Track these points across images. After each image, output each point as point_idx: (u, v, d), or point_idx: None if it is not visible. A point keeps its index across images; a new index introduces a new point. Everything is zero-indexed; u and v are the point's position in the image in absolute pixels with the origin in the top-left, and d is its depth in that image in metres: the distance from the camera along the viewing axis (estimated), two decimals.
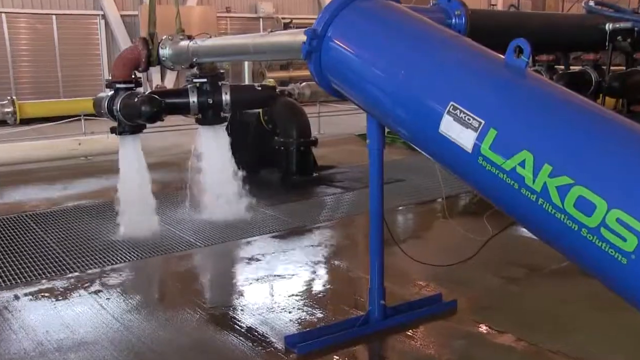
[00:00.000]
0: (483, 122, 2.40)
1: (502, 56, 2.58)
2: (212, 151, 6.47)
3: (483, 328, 3.96)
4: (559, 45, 6.28)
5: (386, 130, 3.56)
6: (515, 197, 2.26)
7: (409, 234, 6.16)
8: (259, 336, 3.87)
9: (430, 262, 4.69)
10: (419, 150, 2.85)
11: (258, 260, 5.27)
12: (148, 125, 6.07)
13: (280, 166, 8.40)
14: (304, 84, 13.07)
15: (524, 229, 2.52)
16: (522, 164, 2.22)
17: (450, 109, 2.52)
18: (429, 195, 7.41)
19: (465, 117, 2.46)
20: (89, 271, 5.06)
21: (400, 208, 6.94)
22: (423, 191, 7.61)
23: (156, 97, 5.66)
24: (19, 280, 4.87)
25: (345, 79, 3.28)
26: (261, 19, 21.03)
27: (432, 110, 2.62)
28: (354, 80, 3.19)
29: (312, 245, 5.66)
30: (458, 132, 2.47)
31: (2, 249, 5.60)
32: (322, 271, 5.06)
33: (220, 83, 6.34)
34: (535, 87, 2.43)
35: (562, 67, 7.06)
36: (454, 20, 4.28)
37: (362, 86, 3.13)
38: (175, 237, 5.91)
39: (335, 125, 14.26)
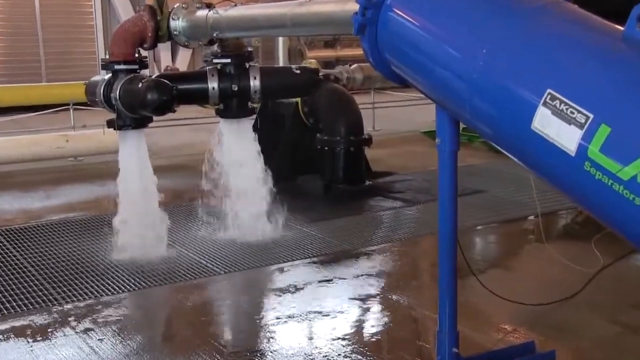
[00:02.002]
0: (591, 116, 2.37)
1: (619, 27, 2.55)
2: (237, 152, 6.54)
3: None
4: None
5: (461, 126, 3.55)
6: (636, 216, 2.23)
7: (490, 262, 6.11)
8: None
9: (520, 299, 4.64)
10: (505, 153, 2.83)
11: (293, 292, 5.30)
12: (155, 118, 6.17)
13: (323, 172, 8.44)
14: (354, 65, 13.05)
15: None
16: None
17: (548, 99, 2.50)
18: (517, 211, 7.34)
19: (567, 109, 2.44)
20: (78, 303, 5.17)
21: (479, 228, 6.90)
22: (509, 206, 7.54)
23: (166, 81, 5.76)
24: None
25: (409, 60, 3.28)
26: None
27: (522, 100, 2.61)
28: (420, 61, 3.19)
29: (363, 274, 5.66)
30: (557, 129, 2.45)
31: None
32: (375, 308, 5.06)
33: (247, 65, 6.41)
34: None
35: None
36: None
37: (431, 69, 3.12)
38: (189, 261, 5.99)
39: (395, 119, 14.25)
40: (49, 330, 4.73)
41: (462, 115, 3.05)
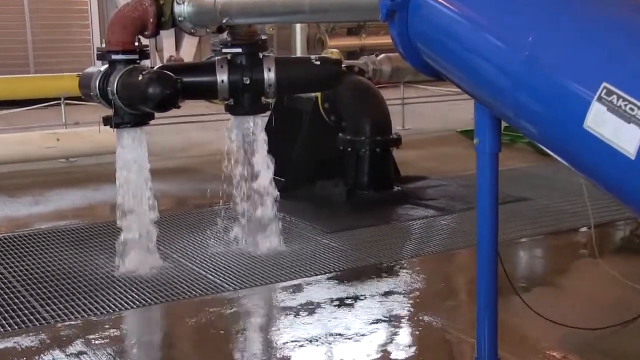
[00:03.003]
0: None
1: None
2: (249, 152, 6.55)
3: None
4: None
5: (503, 124, 3.54)
6: None
7: (536, 280, 6.08)
8: None
9: (569, 322, 4.61)
10: (553, 155, 2.82)
11: (311, 311, 5.29)
12: (157, 114, 6.19)
13: (346, 176, 8.44)
14: (382, 56, 13.02)
15: None
16: None
17: (603, 94, 2.49)
18: (567, 221, 7.31)
19: (625, 105, 2.42)
20: (68, 323, 5.18)
21: (524, 240, 6.87)
22: (558, 216, 7.51)
23: (169, 74, 5.78)
24: None
25: (443, 49, 3.28)
26: None
27: (573, 95, 2.59)
28: (456, 51, 3.18)
29: (390, 292, 5.65)
30: (614, 128, 2.44)
31: None
32: (405, 330, 5.04)
33: (261, 55, 6.42)
34: None
35: None
36: None
37: (468, 59, 3.12)
38: (194, 276, 6.01)
39: (428, 117, 14.22)
40: (36, 353, 4.74)
41: (504, 112, 3.04)
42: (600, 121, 2.48)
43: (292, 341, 4.86)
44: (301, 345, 4.80)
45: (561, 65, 2.68)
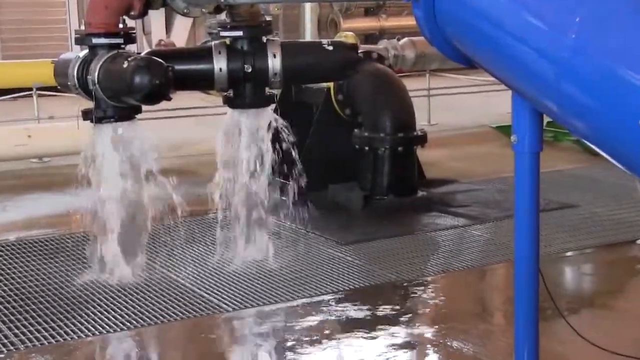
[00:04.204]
0: None
1: None
2: (250, 152, 6.56)
3: None
4: None
5: (545, 119, 3.53)
6: None
7: (583, 300, 6.07)
8: None
9: (623, 350, 4.59)
10: (603, 155, 2.81)
11: (323, 336, 5.29)
12: (145, 107, 6.19)
13: (363, 179, 8.44)
14: (404, 40, 13.04)
15: None
16: None
17: None
18: (621, 232, 7.30)
19: None
20: (40, 348, 5.17)
21: (570, 254, 6.85)
22: (610, 225, 7.49)
23: (159, 60, 5.78)
24: None
25: (476, 33, 3.27)
26: None
27: (628, 85, 2.58)
28: (491, 34, 3.18)
29: (414, 313, 5.65)
30: None
31: None
32: (430, 358, 5.05)
33: (265, 39, 6.43)
34: None
35: None
36: None
37: (505, 44, 3.11)
38: (187, 294, 6.01)
39: (457, 111, 14.21)
40: None
41: (547, 105, 3.03)
42: None
43: None
44: None
45: (614, 49, 2.67)
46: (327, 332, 5.36)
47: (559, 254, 6.79)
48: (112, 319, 5.60)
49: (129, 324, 5.52)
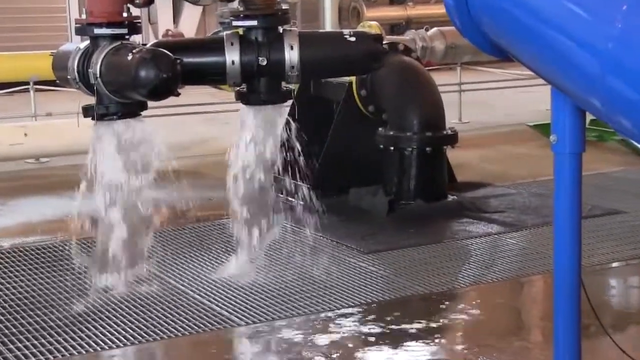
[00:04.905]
0: None
1: None
2: (265, 153, 6.57)
3: None
4: None
5: (588, 117, 3.52)
6: None
7: (631, 316, 6.02)
8: None
9: None
10: None
11: (344, 353, 5.29)
12: (151, 103, 6.20)
13: (387, 182, 8.44)
14: (433, 30, 13.04)
15: None
16: None
17: None
18: None
19: None
20: None
21: (615, 265, 6.82)
22: None
23: (166, 52, 5.79)
24: None
25: (512, 23, 3.27)
26: None
27: None
28: (528, 25, 3.18)
29: (443, 329, 5.64)
30: None
31: None
32: None
33: (281, 29, 6.43)
34: None
35: None
36: None
37: (545, 35, 3.11)
38: (196, 307, 6.02)
39: (491, 107, 14.19)
40: None
41: (590, 101, 3.02)
42: None
43: None
44: None
45: None
46: (348, 348, 5.37)
47: (603, 265, 6.76)
48: (116, 333, 5.61)
49: (132, 338, 5.53)
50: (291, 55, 6.35)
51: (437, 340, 5.45)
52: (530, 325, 5.98)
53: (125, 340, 5.50)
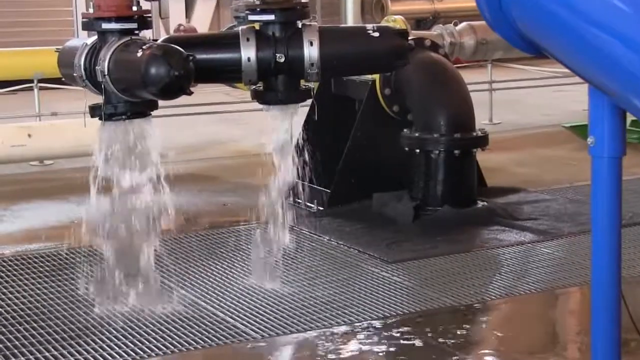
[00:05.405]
0: None
1: None
2: (283, 155, 6.57)
3: None
4: None
5: (629, 118, 3.50)
6: None
7: None
8: None
9: None
10: None
11: None
12: (162, 103, 6.21)
13: (413, 186, 8.43)
14: (462, 25, 13.03)
15: None
16: None
17: None
18: None
19: None
20: None
21: None
22: None
23: (178, 49, 5.80)
24: None
25: (547, 17, 3.26)
26: None
27: None
28: (565, 19, 3.17)
29: (473, 344, 5.65)
30: None
31: None
32: None
33: (300, 24, 6.43)
34: None
35: None
36: None
37: (582, 30, 3.10)
38: (209, 319, 6.02)
39: (524, 107, 14.17)
40: None
41: (632, 101, 3.01)
42: None
43: None
44: None
45: None
46: None
47: None
48: (123, 346, 5.62)
49: (142, 352, 5.54)
50: (311, 51, 6.34)
51: (466, 355, 5.44)
52: (566, 341, 5.96)
53: (133, 354, 5.51)
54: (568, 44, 3.25)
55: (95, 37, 6.15)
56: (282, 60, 6.32)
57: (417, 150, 8.32)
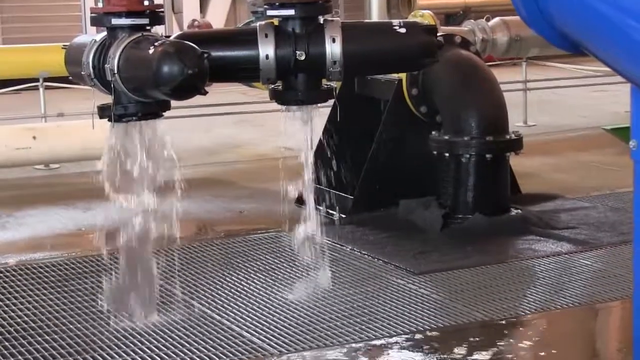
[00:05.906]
0: None
1: None
2: (303, 160, 6.58)
3: None
4: None
5: None
6: None
7: None
8: None
9: None
10: None
11: None
12: (175, 103, 6.22)
13: (443, 193, 8.43)
14: (495, 21, 13.02)
15: None
16: None
17: None
18: None
19: None
20: None
21: None
22: None
23: (192, 45, 5.81)
24: None
25: (587, 12, 3.25)
26: None
27: None
28: (606, 15, 3.17)
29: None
30: None
31: None
32: None
33: (322, 19, 6.43)
34: None
35: None
36: None
37: (625, 27, 3.09)
38: (223, 332, 6.03)
39: (561, 108, 14.14)
40: None
41: None
42: None
43: None
44: None
45: None
46: None
47: None
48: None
49: None
50: (333, 48, 6.33)
51: None
52: (605, 357, 5.94)
53: None
54: (609, 40, 3.24)
55: (105, 33, 6.16)
56: (303, 57, 6.31)
57: (446, 154, 8.31)
